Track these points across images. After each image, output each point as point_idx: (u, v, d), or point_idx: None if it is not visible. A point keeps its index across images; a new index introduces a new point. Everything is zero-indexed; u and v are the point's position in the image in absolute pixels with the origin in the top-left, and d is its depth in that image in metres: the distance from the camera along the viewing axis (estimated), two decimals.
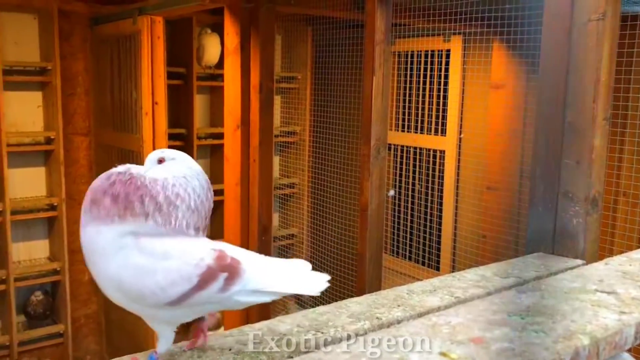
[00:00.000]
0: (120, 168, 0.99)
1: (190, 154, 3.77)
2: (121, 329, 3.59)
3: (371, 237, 2.06)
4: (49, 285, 3.68)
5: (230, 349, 1.07)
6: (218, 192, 3.93)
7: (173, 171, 0.99)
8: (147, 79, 3.12)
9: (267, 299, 1.02)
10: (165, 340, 1.00)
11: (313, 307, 1.32)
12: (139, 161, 3.17)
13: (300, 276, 1.03)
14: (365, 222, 2.06)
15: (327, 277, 1.02)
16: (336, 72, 3.56)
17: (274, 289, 1.01)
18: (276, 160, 4.19)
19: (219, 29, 3.61)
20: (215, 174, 4.04)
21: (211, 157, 4.14)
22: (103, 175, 0.98)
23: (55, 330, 3.59)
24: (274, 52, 2.88)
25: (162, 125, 3.20)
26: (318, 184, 3.79)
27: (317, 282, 1.03)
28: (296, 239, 4.13)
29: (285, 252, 4.19)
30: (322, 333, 1.13)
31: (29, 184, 3.59)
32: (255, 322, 1.21)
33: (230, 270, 0.97)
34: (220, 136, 3.78)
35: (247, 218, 2.89)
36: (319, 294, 1.04)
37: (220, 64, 3.74)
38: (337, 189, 3.54)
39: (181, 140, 3.84)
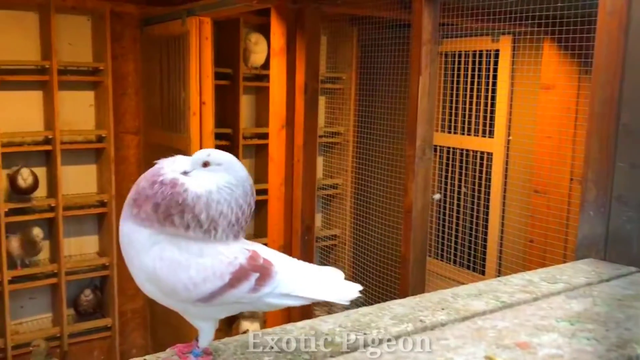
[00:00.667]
0: (165, 174, 0.96)
1: (236, 153, 3.83)
2: (166, 324, 3.66)
3: (415, 240, 2.04)
4: (98, 280, 3.79)
5: (272, 348, 1.07)
6: (262, 192, 3.96)
7: (218, 181, 0.97)
8: (195, 79, 3.17)
9: (296, 303, 1.01)
10: (206, 335, 1.01)
11: (356, 307, 1.32)
12: None
13: (332, 284, 1.02)
14: (409, 224, 2.04)
15: (359, 287, 1.00)
16: (381, 72, 3.54)
17: (304, 294, 0.99)
18: (320, 160, 4.20)
19: (265, 30, 3.65)
20: (259, 174, 4.08)
21: (256, 156, 4.18)
22: (149, 176, 0.96)
23: (103, 324, 3.69)
24: (319, 52, 2.89)
25: (209, 125, 3.25)
26: (361, 185, 3.78)
27: (348, 291, 1.00)
28: (339, 239, 4.13)
29: (327, 253, 4.19)
30: (365, 334, 1.13)
31: (80, 181, 3.71)
32: (298, 320, 1.21)
33: (262, 271, 0.98)
34: (265, 136, 3.81)
35: (290, 218, 2.91)
36: (348, 303, 1.02)
37: (266, 64, 3.77)
38: (380, 190, 3.52)
39: (227, 140, 3.90)
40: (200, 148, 3.23)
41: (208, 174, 0.97)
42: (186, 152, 3.26)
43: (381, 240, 3.55)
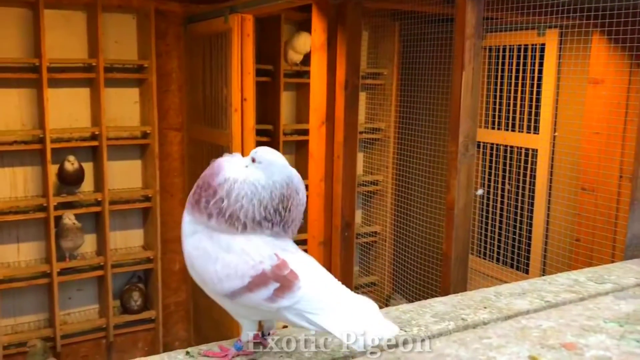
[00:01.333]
0: (223, 160, 1.03)
1: (276, 149, 3.85)
2: (208, 317, 3.72)
3: (457, 237, 2.01)
4: (142, 273, 3.88)
5: (313, 342, 1.08)
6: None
7: (250, 175, 0.99)
8: (236, 76, 3.20)
9: (316, 328, 0.95)
10: (246, 331, 1.02)
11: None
12: None
13: (363, 318, 0.91)
14: (452, 222, 2.01)
15: (396, 329, 0.90)
16: (423, 67, 3.50)
17: (321, 322, 0.93)
18: (360, 157, 4.18)
19: (306, 27, 3.65)
20: (300, 170, 4.06)
21: (296, 153, 4.20)
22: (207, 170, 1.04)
23: (148, 316, 3.78)
24: (360, 48, 2.87)
25: (250, 121, 3.28)
26: (402, 181, 3.75)
27: (379, 330, 0.89)
28: (379, 236, 4.11)
29: (367, 249, 4.18)
30: (405, 331, 1.12)
31: (126, 176, 3.80)
32: None
33: (283, 282, 0.95)
34: (305, 132, 3.82)
35: (330, 214, 2.91)
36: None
37: (306, 61, 3.78)
38: (422, 186, 3.49)
39: (268, 136, 3.93)
40: (242, 144, 3.27)
41: (253, 169, 1.01)
42: (228, 147, 3.30)
43: (422, 237, 3.52)
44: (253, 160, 1.02)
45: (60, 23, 3.48)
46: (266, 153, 1.03)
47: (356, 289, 3.77)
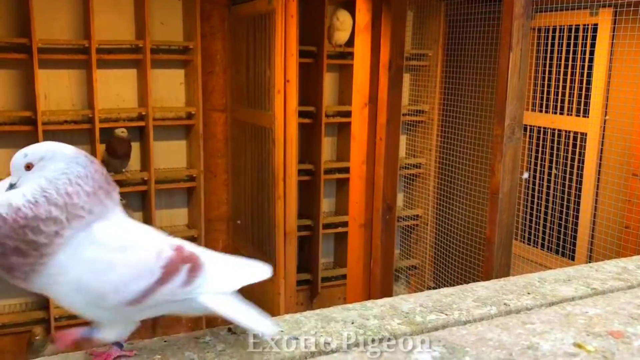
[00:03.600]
0: None
1: (319, 131, 3.87)
2: (249, 296, 3.75)
3: (501, 222, 1.98)
4: None
5: (353, 322, 1.08)
6: (344, 170, 3.99)
7: (48, 175, 0.84)
8: (280, 57, 3.21)
9: (229, 312, 0.96)
10: (122, 332, 0.93)
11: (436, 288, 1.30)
12: (271, 137, 3.30)
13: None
14: (496, 206, 1.98)
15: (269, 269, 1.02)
16: (469, 49, 3.42)
17: (234, 286, 0.98)
18: (403, 139, 4.15)
19: (350, 7, 3.62)
20: (341, 152, 4.09)
21: (338, 135, 4.19)
22: None
23: None
24: (404, 29, 2.83)
25: (292, 103, 3.29)
26: (445, 164, 3.70)
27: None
28: (420, 219, 4.08)
29: (408, 233, 4.16)
30: (446, 314, 1.11)
31: (171, 156, 3.87)
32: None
33: (191, 261, 0.91)
34: (347, 114, 3.81)
35: (371, 196, 2.90)
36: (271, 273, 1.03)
37: (350, 42, 3.75)
38: (465, 170, 3.44)
39: (310, 118, 3.93)
40: (285, 125, 3.28)
41: (37, 174, 0.85)
42: (270, 129, 3.32)
43: (465, 221, 3.48)
44: (29, 167, 0.85)
45: (108, 5, 3.55)
46: (37, 148, 0.88)
47: (396, 272, 3.76)
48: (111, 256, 0.86)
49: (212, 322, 3.93)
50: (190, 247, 0.96)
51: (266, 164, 3.44)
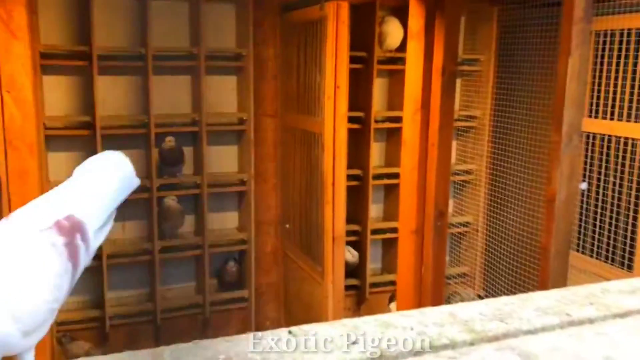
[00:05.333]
0: None
1: (368, 137, 3.87)
2: (298, 299, 3.81)
3: (558, 231, 1.93)
4: (236, 254, 4.03)
5: (412, 328, 1.08)
6: (392, 176, 3.98)
7: None
8: (330, 63, 3.23)
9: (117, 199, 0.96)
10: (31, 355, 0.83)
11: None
12: (321, 142, 3.32)
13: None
14: (552, 214, 1.94)
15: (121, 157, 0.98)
16: (523, 53, 3.36)
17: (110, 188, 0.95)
18: (453, 145, 4.10)
19: (401, 13, 3.62)
20: (390, 157, 4.08)
21: (387, 140, 4.18)
22: None
23: (241, 295, 3.93)
24: (458, 34, 2.81)
25: (342, 108, 3.30)
26: (497, 171, 3.64)
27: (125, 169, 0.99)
28: (471, 227, 4.03)
29: (459, 240, 4.11)
30: (506, 323, 1.10)
31: (223, 160, 3.94)
32: (429, 305, 1.20)
33: (78, 229, 0.86)
34: (397, 120, 3.80)
35: (422, 202, 2.88)
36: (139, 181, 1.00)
37: (400, 47, 3.75)
38: (518, 177, 3.37)
39: (359, 124, 3.93)
40: (334, 131, 3.30)
41: None
42: (320, 134, 3.35)
43: (517, 229, 3.41)
44: None
45: (165, 13, 3.65)
46: None
47: (447, 279, 3.72)
48: (28, 292, 0.76)
49: (261, 325, 3.98)
50: (62, 207, 0.87)
51: (315, 169, 3.47)
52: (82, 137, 3.51)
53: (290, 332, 1.07)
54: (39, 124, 3.17)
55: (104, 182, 0.98)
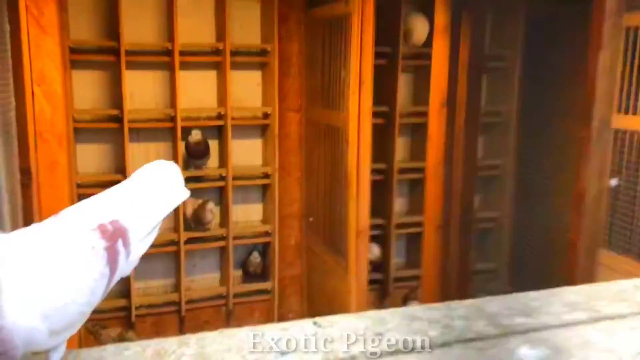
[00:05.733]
0: None
1: (392, 132, 3.86)
2: (321, 292, 3.83)
3: (587, 227, 1.91)
4: (260, 246, 4.06)
5: (438, 322, 1.09)
6: (417, 170, 3.97)
7: None
8: (355, 58, 3.23)
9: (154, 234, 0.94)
10: (61, 350, 0.85)
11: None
12: (345, 137, 3.33)
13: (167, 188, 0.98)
14: (581, 210, 1.92)
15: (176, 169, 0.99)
16: (551, 49, 3.32)
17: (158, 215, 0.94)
18: (479, 140, 4.07)
19: (426, 8, 3.59)
20: (415, 153, 4.07)
21: (412, 135, 4.17)
22: None
23: (264, 287, 3.96)
24: (484, 30, 2.79)
25: (367, 103, 3.30)
26: (523, 166, 3.61)
27: (177, 182, 0.99)
28: (497, 222, 3.99)
29: (485, 235, 4.07)
30: (534, 318, 1.10)
31: (247, 154, 3.97)
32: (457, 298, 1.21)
33: (120, 235, 0.87)
34: (421, 115, 3.78)
35: (448, 197, 2.88)
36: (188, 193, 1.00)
37: (426, 43, 3.72)
38: (545, 173, 3.34)
39: (383, 118, 3.93)
40: (359, 126, 3.30)
41: None
42: (344, 129, 3.35)
43: (544, 225, 3.37)
44: None
45: (191, 9, 3.69)
46: None
47: (473, 274, 3.70)
48: (60, 292, 0.76)
49: (284, 318, 4.01)
50: (108, 212, 0.88)
51: (339, 164, 3.47)
52: (110, 130, 3.57)
53: (315, 323, 1.09)
54: (68, 117, 3.24)
55: (153, 191, 0.98)
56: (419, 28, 3.74)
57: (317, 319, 1.09)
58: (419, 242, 3.71)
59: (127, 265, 0.89)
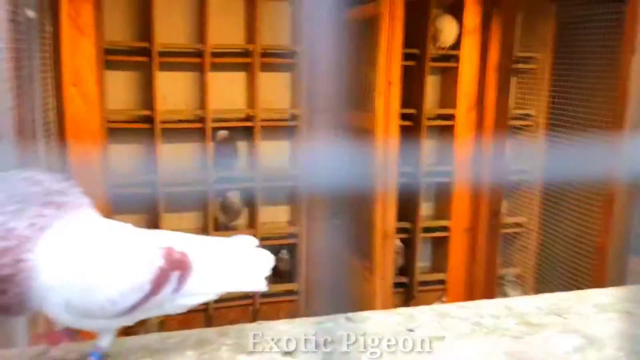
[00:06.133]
0: None
1: (419, 134, 3.86)
2: (345, 296, 3.84)
3: (616, 233, 1.90)
4: (286, 247, 4.09)
5: (468, 319, 1.10)
6: (443, 174, 3.96)
7: None
8: (383, 60, 3.24)
9: (211, 298, 0.95)
10: (109, 336, 0.90)
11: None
12: (372, 139, 3.34)
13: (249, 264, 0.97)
14: (611, 215, 1.90)
15: (271, 258, 0.98)
16: (582, 51, 3.29)
17: (221, 291, 0.94)
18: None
19: (455, 10, 3.59)
20: (442, 155, 4.06)
21: (439, 137, 4.16)
22: None
23: (291, 288, 3.99)
24: (514, 31, 2.78)
25: (395, 105, 3.31)
26: (552, 171, 3.57)
27: (262, 270, 0.97)
28: (524, 227, 3.95)
29: (511, 240, 4.04)
30: (564, 318, 1.11)
31: (275, 155, 4.01)
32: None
33: (181, 267, 0.88)
34: (449, 117, 3.77)
35: (476, 200, 2.87)
36: (266, 288, 0.97)
37: (454, 44, 3.72)
38: (573, 177, 3.30)
39: (410, 121, 3.92)
40: (386, 127, 3.32)
41: None
42: (372, 130, 3.36)
43: (573, 231, 3.33)
44: None
45: (222, 11, 3.74)
46: None
47: (499, 279, 3.68)
48: (94, 276, 0.81)
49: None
50: (180, 243, 0.92)
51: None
52: (142, 130, 3.63)
53: (347, 318, 1.11)
54: (102, 117, 3.31)
55: (236, 263, 0.99)
56: (447, 30, 3.74)
57: (350, 315, 1.12)
58: (445, 246, 3.70)
59: (168, 300, 0.89)
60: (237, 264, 0.99)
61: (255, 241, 1.01)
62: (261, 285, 0.98)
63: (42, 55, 2.32)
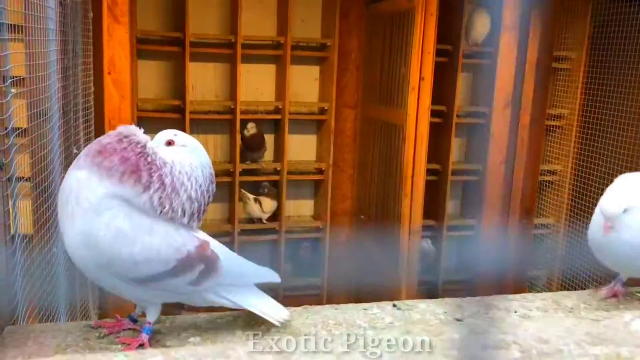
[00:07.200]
0: (136, 134, 1.03)
1: (449, 132, 3.82)
2: (371, 292, 3.82)
3: None
4: (309, 242, 4.08)
5: (515, 312, 1.08)
6: (472, 172, 3.92)
7: (180, 158, 0.99)
8: (416, 54, 3.22)
9: (233, 306, 1.03)
10: (154, 312, 0.99)
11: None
12: (402, 134, 3.31)
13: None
14: None
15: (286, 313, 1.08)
16: (618, 50, 3.23)
17: (239, 301, 1.02)
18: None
19: (488, 5, 3.53)
20: (471, 154, 4.02)
21: (468, 135, 4.12)
22: (113, 135, 1.00)
23: (313, 282, 3.98)
24: (554, 28, 2.74)
25: (426, 101, 3.28)
26: (584, 172, 3.52)
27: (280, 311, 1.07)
28: (552, 229, 3.90)
29: (539, 241, 3.99)
30: (613, 313, 1.08)
31: (302, 149, 4.01)
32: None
33: (208, 263, 0.96)
34: (479, 115, 3.73)
35: (508, 199, 2.83)
36: (279, 324, 1.04)
37: (486, 41, 3.67)
38: (606, 179, 3.24)
39: (440, 118, 3.89)
40: (417, 123, 3.29)
41: (171, 152, 1.01)
42: (402, 126, 3.34)
43: None
44: (169, 144, 1.02)
45: (254, 2, 3.74)
46: (186, 136, 1.05)
47: (528, 280, 3.63)
48: (135, 234, 0.91)
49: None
50: (217, 247, 1.03)
51: (394, 161, 3.46)
52: (172, 120, 3.65)
53: (394, 305, 1.10)
54: (133, 105, 3.33)
55: (257, 292, 1.11)
56: (479, 25, 3.69)
57: (396, 302, 1.11)
58: (470, 246, 3.66)
59: (185, 287, 0.97)
60: (257, 292, 1.08)
61: (277, 278, 1.15)
62: (276, 321, 1.06)
63: (84, 41, 2.34)
